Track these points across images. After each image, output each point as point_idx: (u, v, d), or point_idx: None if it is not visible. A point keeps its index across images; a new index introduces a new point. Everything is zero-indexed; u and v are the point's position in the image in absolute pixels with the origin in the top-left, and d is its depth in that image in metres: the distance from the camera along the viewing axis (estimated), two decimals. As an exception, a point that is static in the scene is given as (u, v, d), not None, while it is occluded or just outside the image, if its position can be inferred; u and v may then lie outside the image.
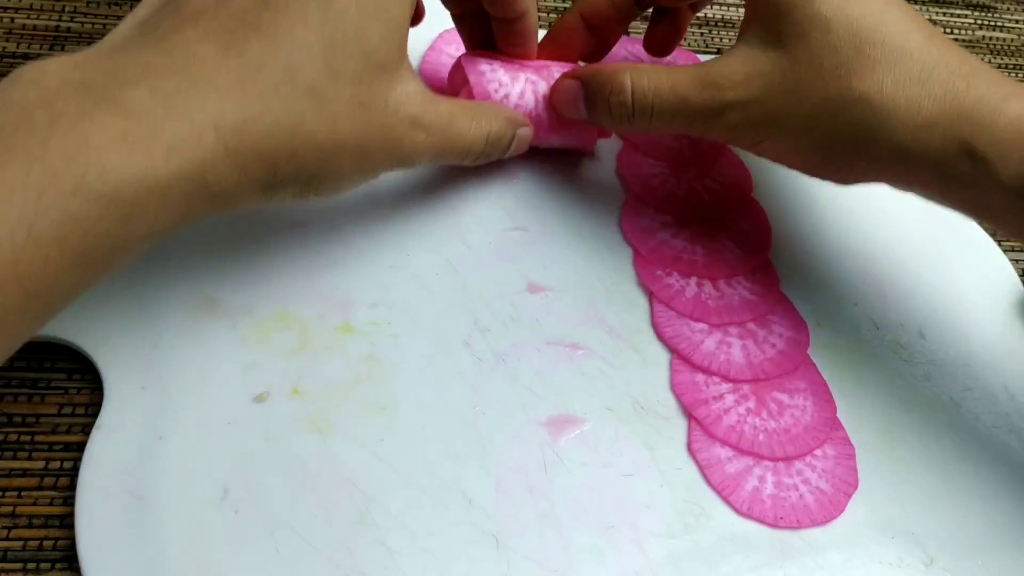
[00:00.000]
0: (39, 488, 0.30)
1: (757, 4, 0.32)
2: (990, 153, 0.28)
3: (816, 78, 0.30)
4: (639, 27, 0.48)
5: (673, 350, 0.35)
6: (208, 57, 0.25)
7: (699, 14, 0.50)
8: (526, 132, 0.36)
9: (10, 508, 0.29)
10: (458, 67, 0.36)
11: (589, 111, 0.35)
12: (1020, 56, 0.53)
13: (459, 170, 0.38)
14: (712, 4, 0.50)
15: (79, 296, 0.24)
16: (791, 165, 0.34)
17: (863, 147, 0.30)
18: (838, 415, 0.34)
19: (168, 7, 0.26)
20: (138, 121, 0.23)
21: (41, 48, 0.40)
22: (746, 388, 0.34)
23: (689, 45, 0.48)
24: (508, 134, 0.34)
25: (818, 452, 0.33)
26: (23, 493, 0.29)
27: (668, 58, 0.42)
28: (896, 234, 0.41)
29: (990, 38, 0.53)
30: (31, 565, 0.28)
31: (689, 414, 0.33)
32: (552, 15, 0.47)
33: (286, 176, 0.26)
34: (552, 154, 0.40)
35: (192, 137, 0.24)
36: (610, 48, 0.39)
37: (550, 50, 0.38)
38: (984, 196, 0.30)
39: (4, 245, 0.21)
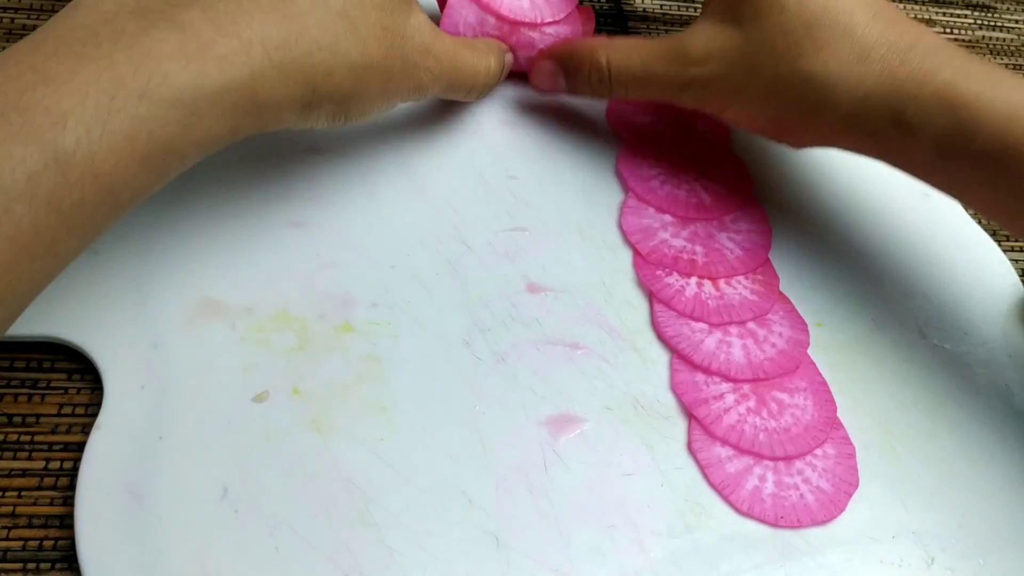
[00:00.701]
0: (39, 488, 0.30)
1: None
2: (915, 121, 0.31)
3: (769, 57, 0.33)
4: (637, 28, 0.48)
5: (673, 350, 0.35)
6: None
7: (699, 14, 0.50)
8: (510, 58, 0.39)
9: (10, 508, 0.29)
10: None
11: (569, 85, 0.39)
12: (1020, 56, 0.53)
13: (459, 167, 0.38)
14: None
15: (142, 201, 0.26)
16: (752, 130, 0.37)
17: (811, 118, 0.34)
18: (838, 414, 0.34)
19: None
20: (192, 36, 0.25)
21: (41, 49, 0.40)
22: (746, 388, 0.34)
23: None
24: (501, 63, 0.38)
25: (818, 451, 0.33)
26: (23, 493, 0.29)
27: None
28: (896, 234, 0.41)
29: (990, 38, 0.53)
30: (31, 565, 0.28)
31: (689, 413, 0.33)
32: None
33: (323, 94, 0.29)
34: (553, 153, 0.40)
35: (241, 51, 0.26)
36: None
37: None
38: (912, 157, 0.33)
39: (83, 140, 0.23)
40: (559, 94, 0.40)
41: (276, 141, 0.38)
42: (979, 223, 0.43)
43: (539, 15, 0.39)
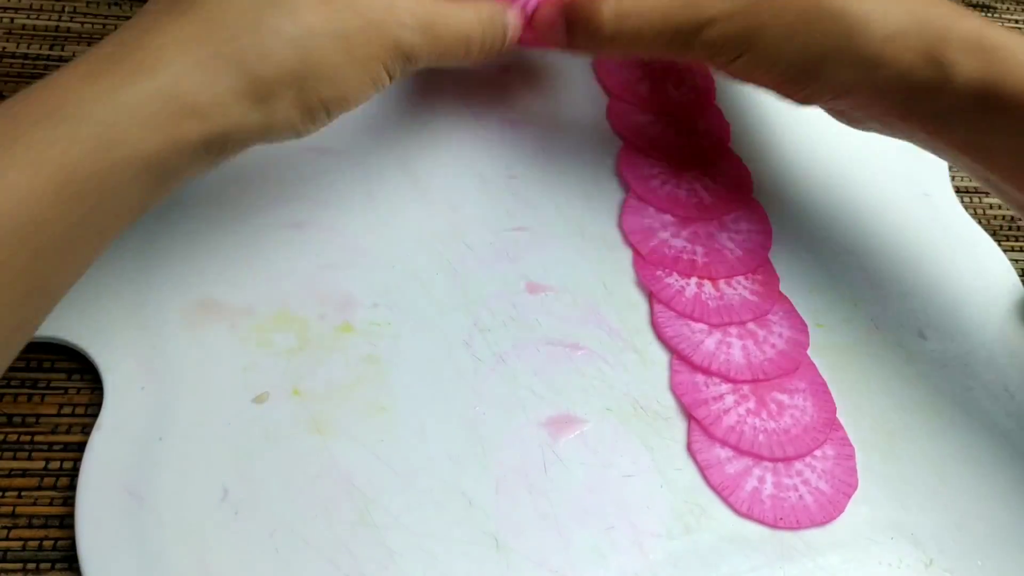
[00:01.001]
0: (39, 488, 0.30)
1: None
2: (949, 57, 0.30)
3: None
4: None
5: (673, 350, 0.35)
6: (160, 9, 0.26)
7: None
8: (514, 17, 0.35)
9: (10, 508, 0.29)
10: None
11: (570, 37, 0.35)
12: (1020, 56, 0.53)
13: (459, 167, 0.38)
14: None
15: (100, 243, 0.25)
16: (760, 83, 0.35)
17: (834, 57, 0.32)
18: (838, 415, 0.34)
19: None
20: (102, 61, 0.25)
21: (41, 48, 0.40)
22: (746, 388, 0.34)
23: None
24: (499, 18, 0.34)
25: (818, 452, 0.33)
26: (23, 493, 0.29)
27: None
28: (896, 234, 0.41)
29: (990, 38, 0.53)
30: (31, 565, 0.28)
31: (689, 414, 0.33)
32: None
33: (270, 79, 0.26)
34: (553, 153, 0.40)
35: (151, 57, 0.25)
36: None
37: None
38: (940, 102, 0.31)
39: (10, 171, 0.22)
40: (553, 49, 0.37)
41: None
42: (979, 223, 0.43)
43: None
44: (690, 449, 0.32)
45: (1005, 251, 0.42)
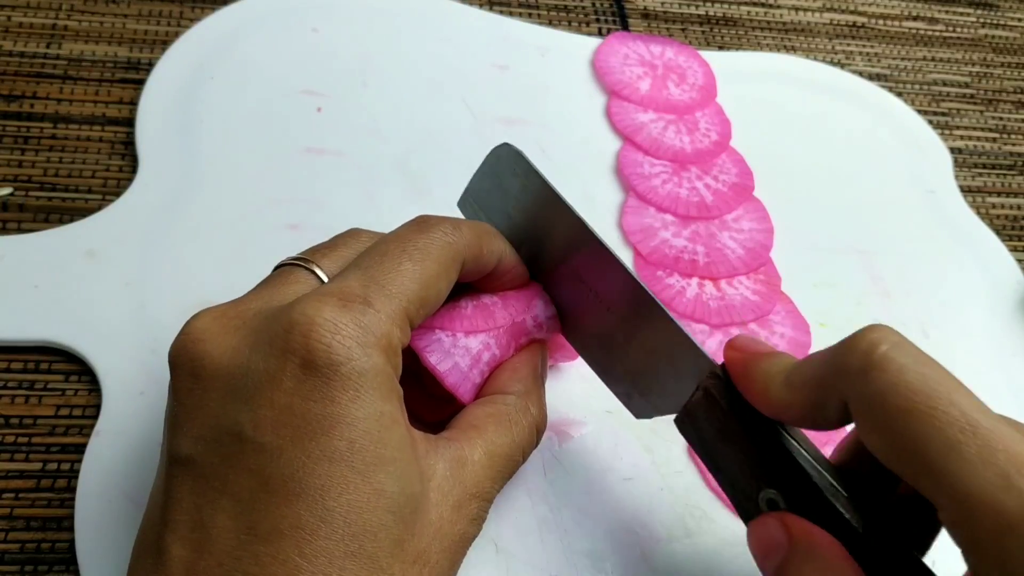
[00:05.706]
0: (36, 490, 0.29)
1: None
2: None
3: None
4: (638, 26, 0.48)
5: (674, 351, 0.34)
6: None
7: (700, 12, 0.49)
8: (544, 353, 0.30)
9: (8, 510, 0.29)
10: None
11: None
12: (1022, 54, 0.52)
13: (459, 167, 0.38)
14: (714, 1, 0.50)
15: None
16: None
17: None
18: (840, 417, 0.34)
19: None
20: None
21: (38, 46, 0.40)
22: (747, 390, 0.34)
23: (691, 42, 0.47)
24: (541, 375, 0.30)
25: (819, 454, 0.33)
26: (20, 495, 0.29)
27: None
28: (900, 232, 0.41)
29: (992, 36, 0.53)
30: (29, 568, 0.28)
31: (690, 416, 0.33)
32: (552, 12, 0.47)
33: None
34: (553, 152, 0.39)
35: None
36: None
37: None
38: None
39: None
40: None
41: (274, 142, 0.37)
42: (984, 221, 0.43)
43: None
44: (691, 452, 0.32)
45: (1010, 249, 0.42)
